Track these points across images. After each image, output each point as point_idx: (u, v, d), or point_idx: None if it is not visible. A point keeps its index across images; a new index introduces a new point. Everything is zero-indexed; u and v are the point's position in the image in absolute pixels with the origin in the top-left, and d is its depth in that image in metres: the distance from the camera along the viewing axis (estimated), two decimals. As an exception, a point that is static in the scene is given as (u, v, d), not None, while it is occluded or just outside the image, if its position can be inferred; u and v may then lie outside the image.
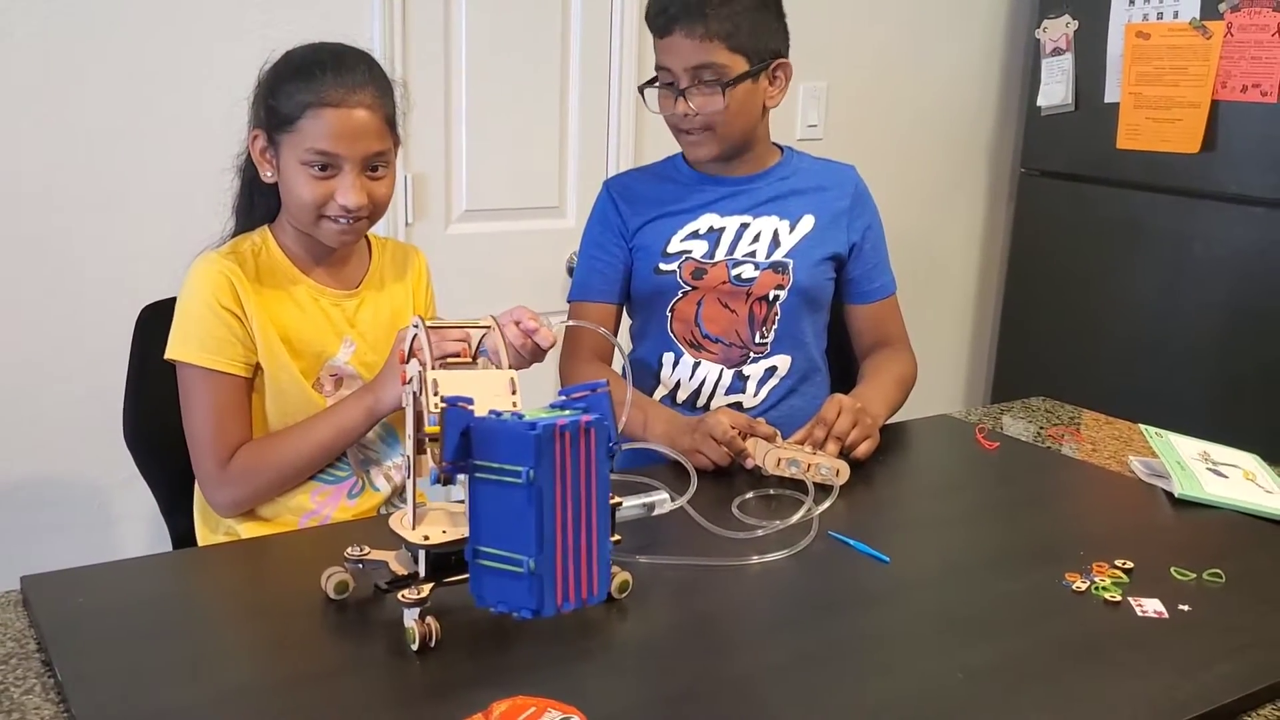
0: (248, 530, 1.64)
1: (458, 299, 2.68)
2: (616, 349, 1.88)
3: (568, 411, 0.98)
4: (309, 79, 1.53)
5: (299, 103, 1.53)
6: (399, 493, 1.72)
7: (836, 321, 2.00)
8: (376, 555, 1.24)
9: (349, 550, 1.23)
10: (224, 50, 2.30)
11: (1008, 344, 3.62)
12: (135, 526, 2.29)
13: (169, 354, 1.59)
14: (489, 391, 1.06)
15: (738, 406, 1.88)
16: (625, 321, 2.01)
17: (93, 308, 2.24)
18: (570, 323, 1.49)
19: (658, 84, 1.81)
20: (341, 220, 1.57)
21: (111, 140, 2.26)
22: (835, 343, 2.02)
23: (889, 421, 1.84)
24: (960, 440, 1.88)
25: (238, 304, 1.58)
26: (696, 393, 1.89)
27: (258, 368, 1.61)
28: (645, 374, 1.92)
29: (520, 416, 0.99)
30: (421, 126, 2.59)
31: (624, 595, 1.26)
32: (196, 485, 1.68)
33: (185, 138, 2.30)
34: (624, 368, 1.62)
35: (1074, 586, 1.32)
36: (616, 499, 1.29)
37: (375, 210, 1.60)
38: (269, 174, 1.60)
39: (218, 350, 1.57)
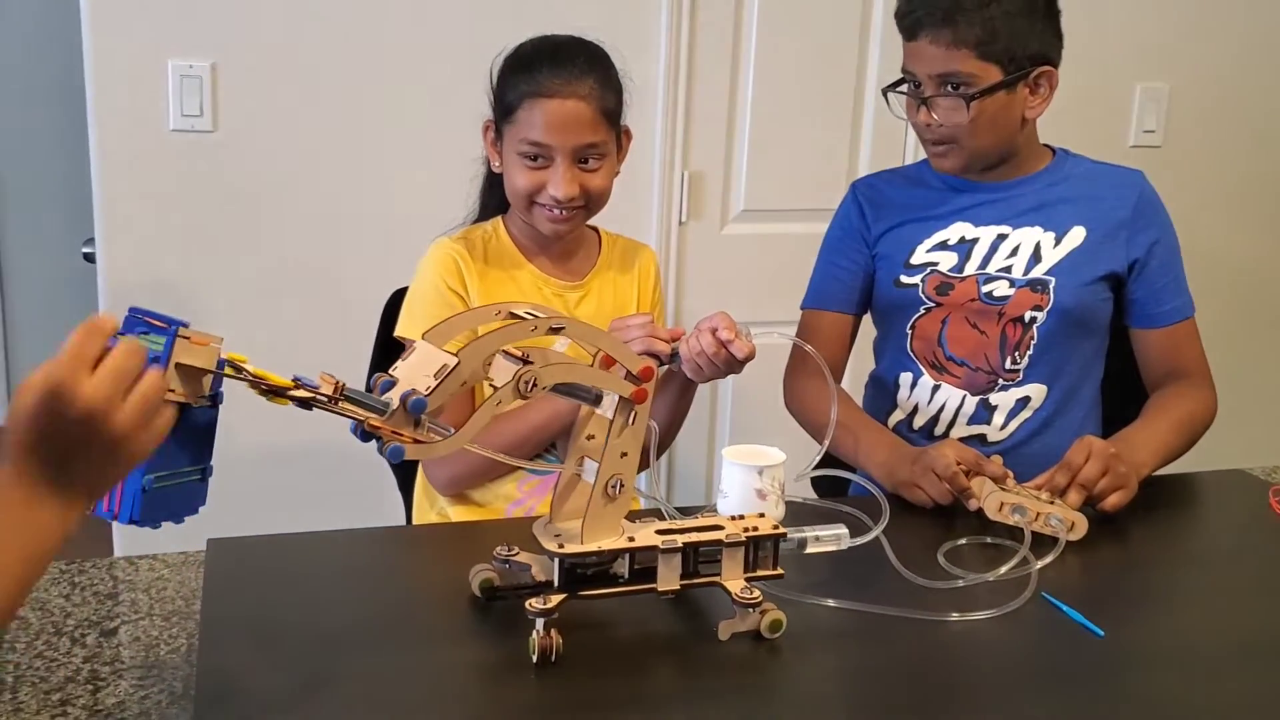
0: (458, 513, 1.66)
1: (728, 302, 2.60)
2: (831, 365, 1.75)
3: (154, 341, 0.92)
4: (529, 70, 1.55)
5: (518, 93, 1.55)
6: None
7: (1124, 348, 1.76)
8: (524, 557, 1.20)
9: (498, 549, 1.20)
10: (503, 43, 2.35)
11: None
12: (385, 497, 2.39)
13: (397, 332, 1.64)
14: (423, 370, 1.01)
15: (981, 439, 1.69)
16: (870, 334, 1.86)
17: (357, 290, 2.34)
18: (776, 335, 1.38)
19: (904, 87, 1.66)
20: (554, 210, 1.56)
21: (382, 132, 2.38)
22: (1121, 373, 1.78)
23: (1163, 471, 1.60)
24: (1248, 502, 1.60)
25: (462, 285, 1.61)
26: (935, 419, 1.72)
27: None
28: (882, 394, 1.78)
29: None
30: (702, 123, 2.55)
31: (776, 635, 1.14)
32: (420, 465, 1.73)
33: (454, 130, 2.38)
34: (831, 386, 1.50)
35: (1332, 698, 1.08)
36: (778, 529, 1.18)
37: (591, 201, 1.58)
38: (497, 164, 1.62)
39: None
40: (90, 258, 2.44)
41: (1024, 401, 1.69)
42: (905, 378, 1.74)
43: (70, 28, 2.23)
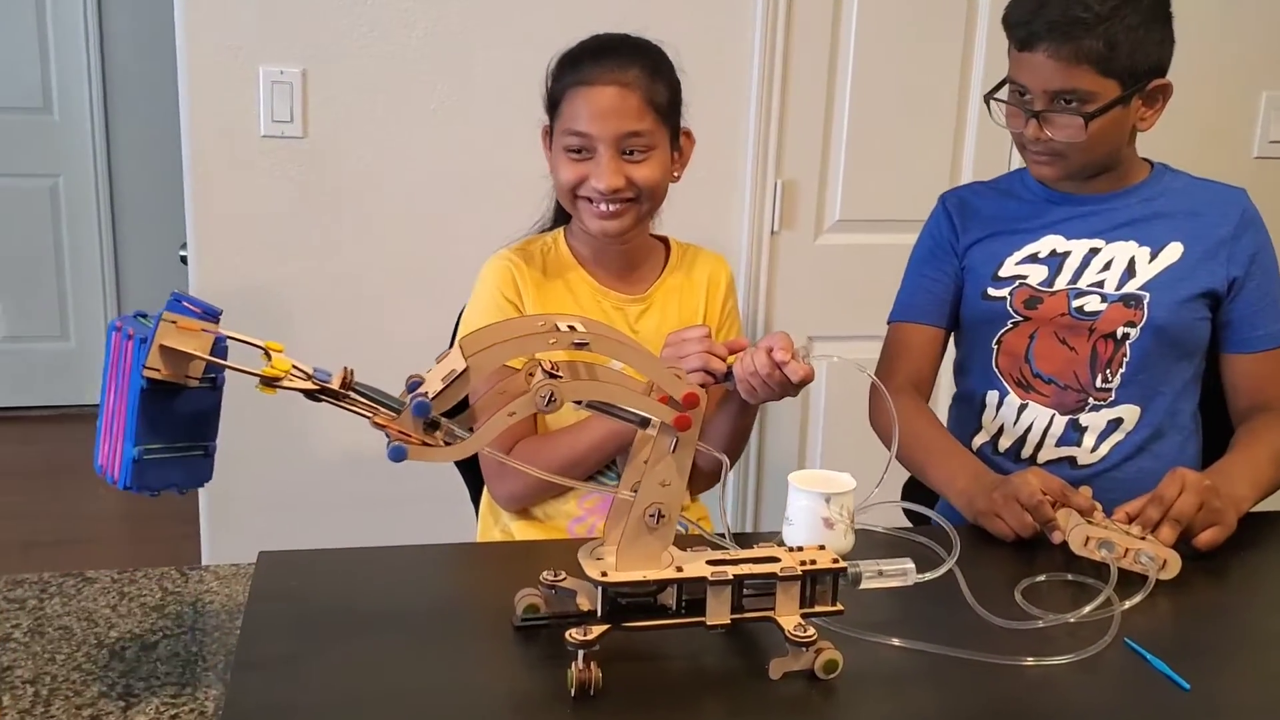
0: (520, 529, 1.62)
1: (821, 314, 2.56)
2: (919, 381, 1.68)
3: (147, 323, 0.99)
4: (574, 63, 1.53)
5: (562, 85, 1.53)
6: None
7: (1210, 378, 1.66)
8: (570, 583, 1.16)
9: (545, 574, 1.16)
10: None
11: None
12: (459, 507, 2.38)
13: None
14: (441, 374, 1.03)
15: (1070, 461, 1.60)
16: (950, 353, 1.78)
17: (446, 298, 2.34)
18: (835, 358, 1.31)
19: (1007, 96, 1.58)
20: (600, 205, 1.52)
21: (472, 139, 2.36)
22: (1206, 404, 1.68)
23: (1258, 508, 1.49)
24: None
25: (517, 295, 1.58)
26: (1021, 441, 1.63)
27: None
28: (966, 414, 1.69)
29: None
30: (797, 130, 2.48)
31: (831, 677, 1.08)
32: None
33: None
34: (889, 408, 1.42)
35: None
36: (837, 562, 1.11)
37: (642, 195, 1.53)
38: (550, 166, 1.58)
39: None
40: (186, 260, 2.48)
41: (1116, 423, 1.60)
42: (991, 396, 1.66)
43: (173, 34, 2.27)
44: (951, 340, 1.75)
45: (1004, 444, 1.65)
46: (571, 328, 1.07)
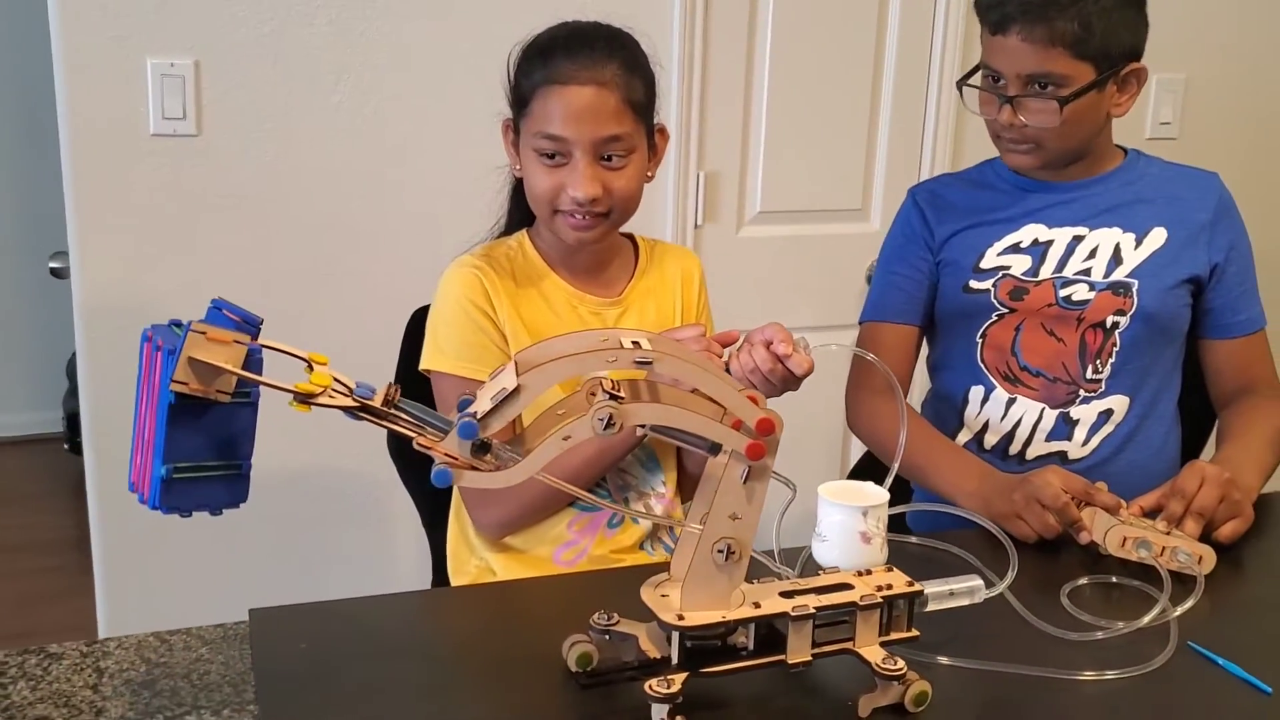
0: (499, 562, 1.50)
1: (746, 308, 2.48)
2: (897, 380, 1.62)
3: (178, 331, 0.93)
4: (544, 57, 1.41)
5: (532, 82, 1.41)
6: (666, 526, 1.54)
7: (1191, 361, 1.66)
8: (626, 626, 1.05)
9: (595, 617, 1.06)
10: (510, 35, 2.20)
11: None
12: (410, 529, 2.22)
13: (424, 364, 1.48)
14: (491, 392, 0.95)
15: (1061, 455, 1.58)
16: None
17: (371, 310, 2.19)
18: (833, 346, 1.24)
19: (980, 82, 1.55)
20: (576, 216, 1.41)
21: (384, 133, 2.22)
22: (1188, 386, 1.68)
23: (1263, 491, 1.49)
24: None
25: (489, 303, 1.46)
26: (1009, 437, 1.60)
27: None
28: (947, 412, 1.65)
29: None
30: (717, 121, 2.41)
31: (920, 709, 1.01)
32: (453, 506, 1.57)
33: (462, 130, 2.21)
34: (900, 406, 1.37)
35: None
36: (914, 585, 1.04)
37: (617, 204, 1.43)
38: (516, 167, 1.48)
39: (475, 359, 1.45)
40: (58, 273, 2.25)
41: (1106, 415, 1.58)
42: (975, 392, 1.62)
43: (34, 22, 2.03)
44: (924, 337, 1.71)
45: (990, 440, 1.61)
46: (636, 344, 0.96)
